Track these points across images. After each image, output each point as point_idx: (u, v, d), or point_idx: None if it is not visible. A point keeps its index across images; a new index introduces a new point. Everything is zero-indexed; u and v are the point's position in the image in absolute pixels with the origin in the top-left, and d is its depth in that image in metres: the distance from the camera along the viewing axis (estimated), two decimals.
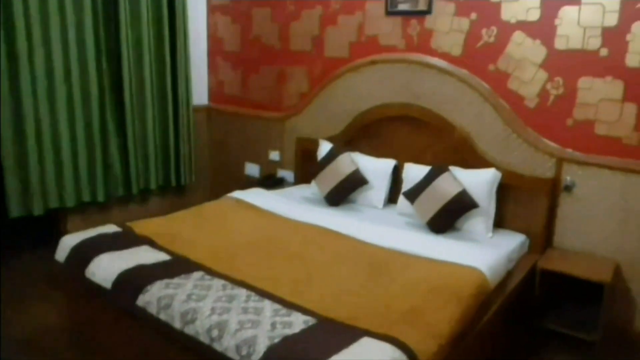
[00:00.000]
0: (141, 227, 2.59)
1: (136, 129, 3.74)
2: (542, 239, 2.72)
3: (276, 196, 3.27)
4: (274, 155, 3.94)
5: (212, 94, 4.38)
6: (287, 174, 3.87)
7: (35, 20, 3.14)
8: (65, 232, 2.54)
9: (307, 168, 3.54)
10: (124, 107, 3.63)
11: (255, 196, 3.19)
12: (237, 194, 3.22)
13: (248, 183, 3.89)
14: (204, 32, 4.27)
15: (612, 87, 2.50)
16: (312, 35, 3.60)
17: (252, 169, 4.12)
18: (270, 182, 3.78)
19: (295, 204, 3.13)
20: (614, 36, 2.47)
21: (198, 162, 4.29)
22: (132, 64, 3.64)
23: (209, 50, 4.31)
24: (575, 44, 2.59)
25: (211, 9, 4.23)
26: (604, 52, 2.51)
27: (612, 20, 2.47)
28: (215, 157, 4.40)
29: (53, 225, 3.60)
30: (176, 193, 4.18)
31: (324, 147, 3.39)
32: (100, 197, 3.62)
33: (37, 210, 3.29)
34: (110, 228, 2.55)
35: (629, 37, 2.43)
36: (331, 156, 3.28)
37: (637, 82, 2.44)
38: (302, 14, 3.62)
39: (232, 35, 4.11)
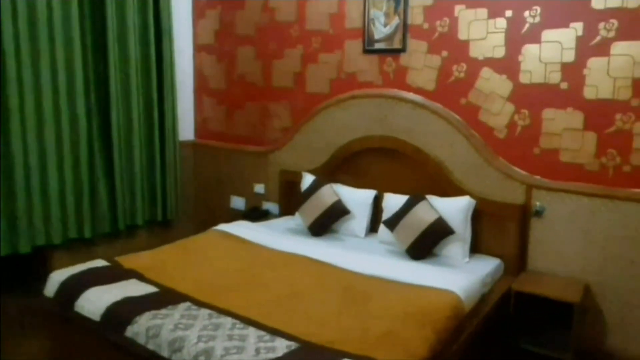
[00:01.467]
0: (129, 261, 2.69)
1: (124, 166, 3.87)
2: (516, 262, 2.88)
3: (261, 228, 3.39)
4: (259, 188, 4.09)
5: (198, 129, 4.55)
6: (271, 206, 4.01)
7: (25, 61, 3.28)
8: (52, 269, 2.62)
9: (291, 200, 3.70)
10: (112, 146, 3.76)
11: (241, 228, 3.30)
12: (223, 226, 3.33)
13: (234, 216, 4.01)
14: (190, 71, 4.48)
15: (573, 118, 2.72)
16: (294, 72, 3.81)
17: (238, 202, 4.25)
18: (256, 214, 3.90)
19: (280, 235, 3.25)
20: (572, 71, 2.70)
21: (184, 196, 4.42)
22: (120, 103, 3.81)
23: (195, 88, 4.51)
24: (538, 78, 2.81)
25: (197, 49, 4.44)
26: (564, 85, 2.73)
27: (569, 56, 2.70)
28: (201, 192, 4.54)
29: (40, 262, 3.67)
30: (163, 227, 4.29)
31: (307, 179, 3.55)
32: (87, 234, 3.71)
33: (24, 247, 3.36)
34: (99, 263, 2.65)
35: (585, 71, 2.66)
36: (314, 188, 3.43)
37: (595, 113, 2.65)
38: (284, 52, 3.84)
39: (217, 73, 4.31)
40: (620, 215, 2.59)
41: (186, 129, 4.48)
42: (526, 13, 2.79)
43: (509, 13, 2.85)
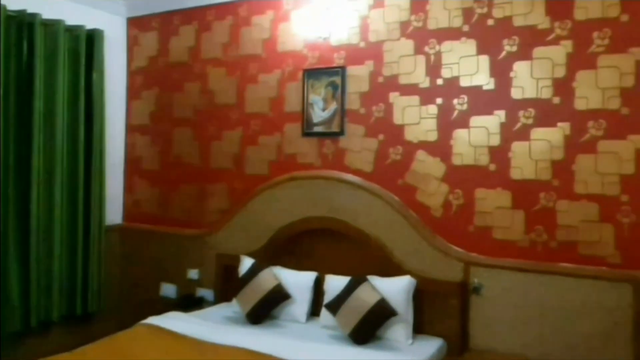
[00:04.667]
0: None
1: (41, 253, 3.77)
2: (459, 341, 3.04)
3: (195, 319, 3.34)
4: (193, 273, 4.09)
5: (127, 213, 4.57)
6: (206, 293, 4.00)
7: None
8: None
9: (228, 285, 3.74)
10: (29, 231, 3.69)
11: (172, 321, 3.21)
12: (153, 319, 3.22)
13: (164, 305, 3.93)
14: (121, 152, 4.58)
15: (502, 197, 3.06)
16: (233, 153, 4.02)
17: (169, 290, 4.21)
18: (189, 302, 3.88)
19: (216, 326, 3.21)
20: (499, 154, 3.08)
21: (109, 286, 4.32)
22: (41, 186, 3.79)
23: (125, 170, 4.59)
24: (469, 160, 3.17)
25: (130, 129, 4.59)
26: (492, 167, 3.10)
27: (495, 140, 3.09)
28: (128, 280, 4.46)
29: None
30: (83, 323, 4.12)
31: (246, 263, 3.62)
32: None
33: None
34: None
35: (510, 154, 3.05)
36: (253, 272, 3.50)
37: (521, 192, 3.01)
38: (223, 134, 4.07)
39: (152, 154, 4.45)
40: (553, 289, 2.87)
41: (114, 212, 4.49)
42: (455, 101, 3.21)
43: (439, 100, 3.26)
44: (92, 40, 4.15)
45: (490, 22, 3.10)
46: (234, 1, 4.01)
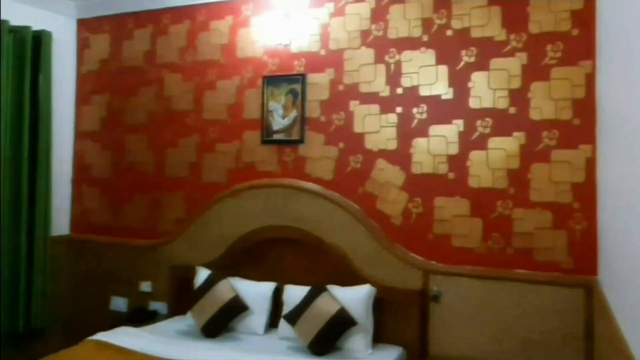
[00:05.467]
0: None
1: None
2: (418, 349, 3.12)
3: (147, 333, 3.27)
4: (145, 286, 4.02)
5: (75, 223, 4.45)
6: (160, 306, 3.94)
7: None
8: None
9: (183, 298, 3.68)
10: None
11: (122, 336, 3.13)
12: (101, 335, 3.13)
13: (115, 320, 3.85)
14: (69, 160, 4.47)
15: (461, 205, 3.17)
16: (189, 161, 4.00)
17: (119, 304, 4.12)
18: (141, 316, 3.80)
19: (169, 340, 3.15)
20: (457, 162, 3.20)
21: (55, 300, 4.18)
22: None
23: (73, 178, 4.48)
24: (428, 169, 3.28)
25: (79, 136, 4.49)
26: (451, 175, 3.22)
27: (454, 149, 3.21)
28: (76, 294, 4.34)
29: None
30: (26, 340, 3.97)
31: (202, 274, 3.59)
32: None
33: None
34: None
35: (468, 163, 3.17)
36: (209, 283, 3.48)
37: (479, 200, 3.14)
38: (179, 142, 4.04)
39: (102, 162, 4.36)
40: (509, 295, 3.00)
41: (61, 223, 4.36)
42: (414, 110, 3.32)
43: (399, 109, 3.36)
44: (39, 42, 4.05)
45: (449, 32, 3.24)
46: (192, 5, 4.02)
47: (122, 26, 4.33)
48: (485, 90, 3.14)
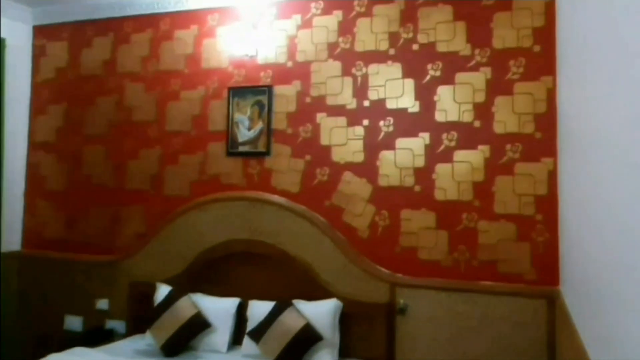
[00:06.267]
0: None
1: None
2: None
3: (102, 354, 3.22)
4: (102, 303, 3.96)
5: (27, 238, 4.35)
6: (117, 325, 3.88)
7: None
8: None
9: (142, 316, 3.64)
10: None
11: (76, 358, 3.09)
12: (54, 357, 3.07)
13: (69, 340, 3.76)
14: (22, 171, 4.38)
15: (427, 218, 3.27)
16: (150, 174, 3.98)
17: (74, 323, 4.04)
18: (97, 336, 3.74)
19: None
20: (423, 175, 3.31)
21: (5, 320, 4.05)
22: None
23: (26, 191, 4.39)
24: (394, 181, 3.37)
25: (33, 146, 4.41)
26: (417, 188, 3.32)
27: (420, 162, 3.32)
28: (28, 313, 4.22)
29: None
30: None
31: (162, 291, 3.57)
32: None
33: None
34: None
35: (434, 175, 3.28)
36: (170, 300, 3.46)
37: (445, 213, 3.24)
38: (140, 153, 4.02)
39: (57, 173, 4.29)
40: (475, 306, 3.10)
41: (12, 237, 4.26)
42: (381, 122, 3.41)
43: (366, 122, 3.45)
44: None
45: (415, 47, 3.37)
46: (156, 14, 4.04)
47: (81, 33, 4.30)
48: (451, 103, 3.26)
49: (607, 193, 1.60)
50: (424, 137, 3.32)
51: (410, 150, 3.35)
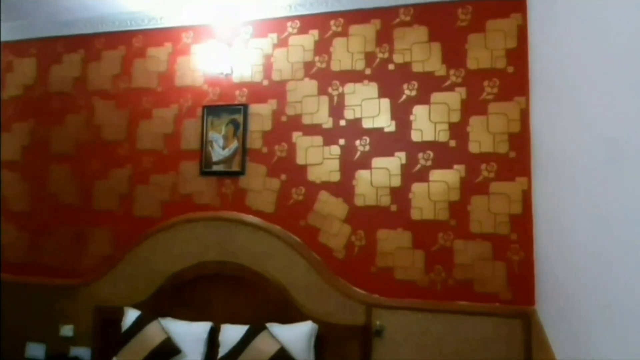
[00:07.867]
0: None
1: None
2: None
3: None
4: (66, 330, 3.94)
5: None
6: (82, 352, 3.87)
7: None
8: None
9: (109, 342, 3.66)
10: None
11: None
12: None
13: None
14: None
15: (403, 237, 3.40)
16: (119, 193, 4.03)
17: (36, 350, 4.01)
18: None
19: None
20: (400, 194, 3.44)
21: None
22: None
23: None
24: (371, 201, 3.49)
25: None
26: (394, 207, 3.44)
27: (396, 181, 3.45)
28: None
29: None
30: None
31: (130, 316, 3.58)
32: None
33: None
34: None
35: (410, 195, 3.42)
36: (138, 325, 3.48)
37: (421, 232, 3.37)
38: (109, 172, 4.07)
39: (21, 193, 4.31)
40: (451, 327, 3.21)
41: None
42: (357, 142, 3.55)
43: (342, 141, 3.58)
44: None
45: (391, 66, 3.53)
46: (128, 31, 4.15)
47: (50, 50, 4.38)
48: (427, 123, 3.42)
49: (575, 214, 1.70)
50: (400, 157, 3.46)
51: (386, 169, 3.48)
